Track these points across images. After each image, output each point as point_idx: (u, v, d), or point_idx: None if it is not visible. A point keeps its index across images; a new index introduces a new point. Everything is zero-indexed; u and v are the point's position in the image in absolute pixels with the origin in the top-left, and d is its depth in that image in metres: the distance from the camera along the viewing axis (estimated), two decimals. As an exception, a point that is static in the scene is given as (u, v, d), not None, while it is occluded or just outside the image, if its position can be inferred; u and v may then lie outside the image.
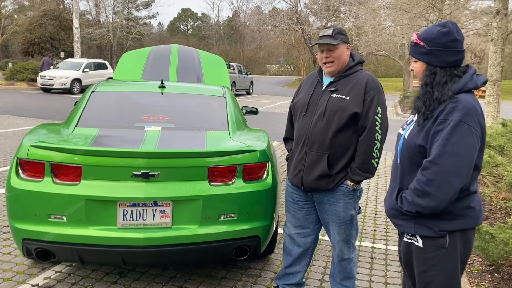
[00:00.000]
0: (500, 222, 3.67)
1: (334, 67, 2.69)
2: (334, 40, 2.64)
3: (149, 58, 6.78)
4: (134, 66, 6.61)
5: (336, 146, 2.64)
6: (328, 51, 2.67)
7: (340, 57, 2.67)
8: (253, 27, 48.79)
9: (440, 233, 1.97)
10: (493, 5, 8.32)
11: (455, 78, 1.98)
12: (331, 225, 2.78)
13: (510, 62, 39.94)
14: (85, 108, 3.52)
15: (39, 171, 2.80)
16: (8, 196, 2.85)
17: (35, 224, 2.77)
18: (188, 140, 3.15)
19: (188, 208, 2.83)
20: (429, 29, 2.05)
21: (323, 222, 2.84)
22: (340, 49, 2.67)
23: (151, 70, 6.48)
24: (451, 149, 1.85)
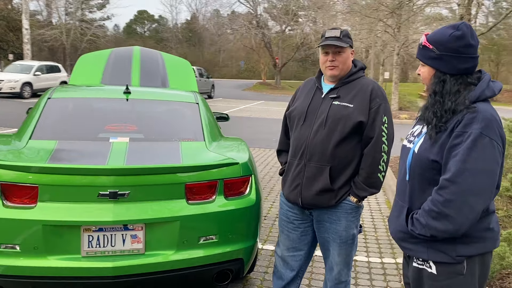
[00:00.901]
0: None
1: (337, 71, 2.43)
2: (342, 42, 2.39)
3: (109, 61, 6.35)
4: (93, 70, 6.15)
5: (338, 157, 2.39)
6: (334, 54, 2.41)
7: (345, 62, 2.42)
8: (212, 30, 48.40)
9: (457, 259, 1.76)
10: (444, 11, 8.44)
11: (470, 86, 1.78)
12: (331, 245, 2.52)
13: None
14: (40, 117, 3.11)
15: (-14, 193, 2.39)
16: None
17: (-20, 256, 2.36)
18: (160, 153, 2.82)
19: (163, 231, 2.51)
20: (441, 31, 1.83)
21: (321, 241, 2.57)
22: (346, 52, 2.42)
23: (112, 74, 6.05)
24: (471, 165, 1.64)
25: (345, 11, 21.02)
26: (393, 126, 2.46)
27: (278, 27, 41.55)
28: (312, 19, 37.50)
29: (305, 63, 55.63)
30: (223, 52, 58.09)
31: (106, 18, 54.18)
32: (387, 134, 2.39)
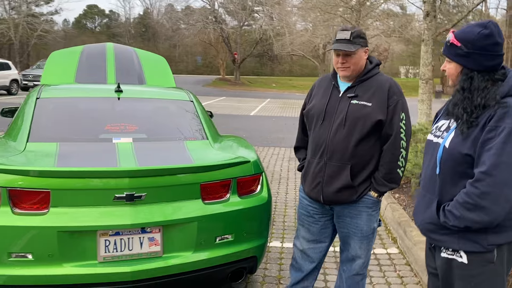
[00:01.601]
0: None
1: (349, 72, 2.46)
2: (352, 46, 2.38)
3: (82, 58, 6.12)
4: (65, 68, 5.90)
5: (358, 155, 2.43)
6: (345, 56, 2.41)
7: (357, 63, 2.44)
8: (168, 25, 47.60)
9: (489, 248, 1.84)
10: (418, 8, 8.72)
11: (497, 82, 1.86)
12: (352, 239, 2.57)
13: (413, 61, 43.31)
14: (33, 118, 2.95)
15: (-7, 200, 2.25)
16: None
17: (-11, 267, 2.22)
18: (168, 153, 2.76)
19: (180, 233, 2.46)
20: (468, 29, 1.90)
21: (342, 236, 2.62)
22: (358, 54, 2.42)
23: (86, 72, 5.84)
24: (506, 159, 1.72)
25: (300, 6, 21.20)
26: (411, 122, 2.52)
27: (235, 22, 41.49)
28: (269, 14, 37.65)
29: (263, 58, 55.86)
30: (179, 47, 57.36)
31: (54, 12, 51.97)
32: (405, 130, 2.45)
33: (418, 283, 3.52)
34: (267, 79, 46.84)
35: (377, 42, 22.83)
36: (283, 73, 56.18)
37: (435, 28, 7.89)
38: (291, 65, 56.10)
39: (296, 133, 2.87)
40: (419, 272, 3.62)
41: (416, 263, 3.74)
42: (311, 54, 39.22)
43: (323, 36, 23.68)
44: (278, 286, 3.37)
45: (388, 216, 4.88)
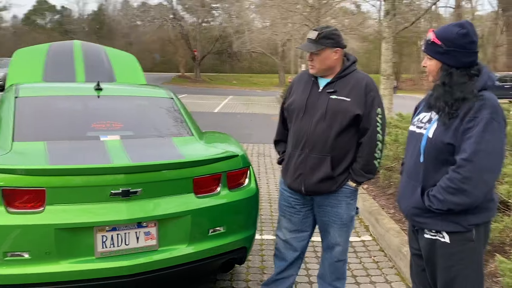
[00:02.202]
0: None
1: (315, 70, 2.61)
2: (314, 46, 2.54)
3: (48, 56, 5.98)
4: (32, 66, 5.76)
5: (338, 148, 2.57)
6: (312, 55, 2.58)
7: (323, 62, 2.58)
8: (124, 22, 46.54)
9: (468, 228, 2.03)
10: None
11: (473, 77, 2.05)
12: (332, 227, 2.71)
13: (369, 58, 44.48)
14: (15, 117, 2.91)
15: (-14, 200, 2.24)
16: None
17: (-15, 267, 2.21)
18: (159, 149, 2.81)
19: (175, 226, 2.53)
20: (447, 28, 2.07)
21: (322, 224, 2.76)
22: (323, 54, 2.56)
23: (54, 70, 5.72)
24: (485, 146, 1.91)
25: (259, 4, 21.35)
26: (385, 116, 2.70)
27: (194, 19, 41.18)
28: (228, 11, 37.65)
29: (222, 55, 55.74)
30: (136, 44, 56.22)
31: (3, 8, 49.68)
32: (381, 124, 2.62)
33: (393, 267, 3.73)
34: (227, 76, 46.84)
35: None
36: (243, 70, 56.28)
37: (395, 26, 8.24)
38: (251, 62, 56.25)
39: (262, 129, 2.99)
40: (393, 256, 3.85)
41: (389, 248, 3.97)
42: (270, 51, 39.58)
43: (283, 33, 23.96)
44: (262, 276, 3.49)
45: (359, 206, 5.08)
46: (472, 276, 2.07)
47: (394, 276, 3.56)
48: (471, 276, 2.07)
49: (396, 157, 5.21)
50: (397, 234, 3.99)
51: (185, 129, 3.21)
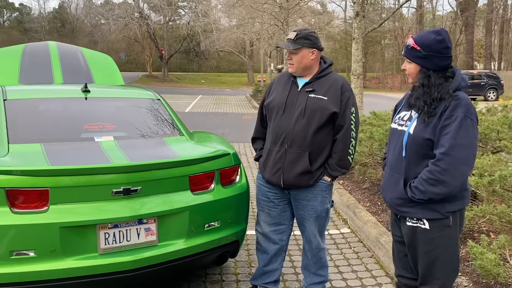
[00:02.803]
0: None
1: (294, 68, 2.80)
2: (291, 45, 2.73)
3: (24, 57, 5.94)
4: (7, 67, 5.71)
5: (316, 143, 2.74)
6: (290, 54, 2.77)
7: (300, 61, 2.76)
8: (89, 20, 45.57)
9: (446, 215, 2.25)
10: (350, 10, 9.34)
11: (448, 79, 2.27)
12: (307, 220, 2.88)
13: (335, 56, 45.26)
14: (7, 121, 2.95)
15: (-10, 201, 2.29)
16: None
17: (-9, 266, 2.27)
18: (154, 149, 2.92)
19: (174, 222, 2.65)
20: (425, 35, 2.29)
21: (298, 217, 2.92)
22: (300, 53, 2.74)
23: (30, 72, 5.68)
24: (460, 141, 2.13)
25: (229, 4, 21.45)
26: (359, 115, 2.90)
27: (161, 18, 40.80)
28: (195, 10, 37.51)
29: (189, 54, 55.44)
30: (101, 43, 55.11)
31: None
32: (355, 122, 2.82)
33: (372, 256, 3.97)
34: (195, 75, 46.63)
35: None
36: (210, 69, 56.17)
37: (364, 27, 8.55)
38: (218, 61, 56.25)
39: (235, 128, 3.16)
40: (371, 247, 4.08)
41: (368, 239, 4.21)
42: (238, 50, 39.73)
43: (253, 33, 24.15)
44: (250, 269, 3.65)
45: (336, 200, 5.33)
46: (449, 258, 2.30)
47: (374, 265, 3.80)
48: (449, 258, 2.30)
49: (371, 153, 5.48)
50: (375, 226, 4.23)
51: (175, 129, 3.33)
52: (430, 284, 2.35)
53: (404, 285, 2.57)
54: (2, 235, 2.27)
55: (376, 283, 3.46)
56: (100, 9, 41.63)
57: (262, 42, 25.16)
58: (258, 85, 23.86)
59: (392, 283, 3.46)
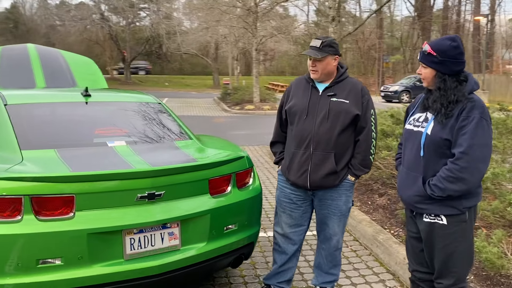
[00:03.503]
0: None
1: (318, 75, 2.88)
2: (319, 53, 2.81)
3: (2, 61, 5.74)
4: None
5: (340, 145, 2.84)
6: (315, 61, 2.84)
7: (325, 68, 2.85)
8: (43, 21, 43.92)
9: (463, 210, 2.39)
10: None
11: (462, 83, 2.42)
12: (331, 219, 2.97)
13: (298, 59, 45.89)
14: (13, 126, 2.86)
15: (15, 209, 2.23)
16: None
17: (17, 276, 2.20)
18: (169, 153, 2.91)
19: (195, 226, 2.66)
20: (441, 41, 2.42)
21: (321, 217, 3.01)
22: (325, 61, 2.84)
23: (11, 76, 5.50)
24: (477, 141, 2.27)
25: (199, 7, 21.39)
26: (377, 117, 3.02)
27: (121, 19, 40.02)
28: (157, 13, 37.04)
29: (151, 57, 54.63)
30: (58, 45, 53.35)
31: None
32: (375, 123, 2.95)
33: (370, 254, 4.10)
34: (158, 78, 45.95)
35: (265, 42, 23.91)
36: (173, 71, 55.49)
37: (340, 32, 8.77)
38: (181, 64, 55.66)
39: (207, 131, 3.21)
40: (368, 245, 4.22)
41: (363, 237, 4.34)
42: (202, 52, 39.55)
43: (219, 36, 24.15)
44: (255, 271, 3.69)
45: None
46: (465, 252, 2.44)
47: (374, 262, 3.93)
48: (465, 252, 2.44)
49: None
50: (370, 224, 4.37)
51: (183, 133, 3.33)
52: (447, 277, 2.48)
53: (418, 279, 2.70)
54: (28, 244, 2.21)
55: (379, 280, 3.59)
56: (55, 10, 40.37)
57: (230, 45, 25.20)
58: (227, 88, 23.84)
59: (394, 279, 3.60)
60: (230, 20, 19.40)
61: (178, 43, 33.94)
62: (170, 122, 3.47)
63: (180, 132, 3.33)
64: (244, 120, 15.98)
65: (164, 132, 3.29)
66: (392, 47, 43.36)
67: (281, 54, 47.77)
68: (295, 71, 56.72)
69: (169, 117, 3.55)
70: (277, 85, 36.37)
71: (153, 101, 3.74)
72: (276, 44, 28.30)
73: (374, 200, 4.96)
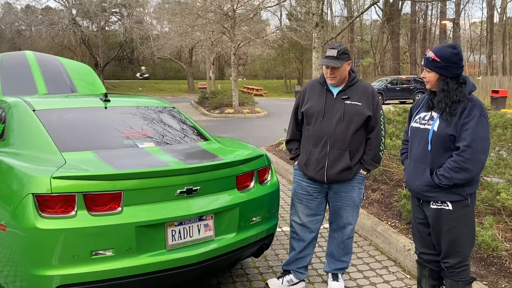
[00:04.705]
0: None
1: (335, 80, 3.17)
2: (338, 62, 3.10)
3: (2, 68, 5.83)
4: None
5: (354, 143, 3.15)
6: (333, 69, 3.13)
7: (342, 74, 3.16)
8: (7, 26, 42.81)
9: (466, 196, 2.73)
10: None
11: (462, 85, 2.76)
12: (345, 210, 3.28)
13: (271, 63, 46.34)
14: (47, 130, 3.03)
15: (69, 205, 2.42)
16: (27, 240, 2.36)
17: (74, 266, 2.40)
18: (196, 153, 3.15)
19: (227, 218, 2.90)
20: (443, 49, 2.76)
21: (335, 208, 3.30)
22: (342, 68, 3.14)
23: (12, 83, 5.61)
24: (479, 135, 2.62)
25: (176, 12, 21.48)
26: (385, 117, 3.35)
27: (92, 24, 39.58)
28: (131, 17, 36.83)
29: (122, 62, 54.12)
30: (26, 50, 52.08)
31: None
32: (383, 123, 3.27)
33: (370, 244, 4.43)
34: (131, 83, 45.58)
35: (241, 47, 24.23)
36: (145, 76, 55.09)
37: (323, 37, 9.15)
38: (154, 68, 55.36)
39: None
40: (368, 236, 4.55)
41: (362, 229, 4.66)
42: (175, 57, 39.53)
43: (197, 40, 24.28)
44: (267, 262, 3.95)
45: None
46: (469, 233, 2.78)
47: (375, 251, 4.26)
48: (468, 233, 2.78)
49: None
50: (367, 217, 4.70)
51: (201, 135, 3.57)
52: (453, 257, 2.81)
53: (425, 260, 3.02)
54: (83, 237, 2.41)
55: (382, 266, 3.91)
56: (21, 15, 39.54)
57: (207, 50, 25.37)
58: (204, 92, 24.01)
59: (396, 265, 3.93)
60: (207, 25, 19.61)
61: (152, 48, 33.88)
62: (187, 124, 3.70)
63: (198, 134, 3.57)
64: (225, 124, 16.22)
65: (185, 134, 3.52)
66: (362, 50, 44.55)
67: (254, 58, 48.22)
68: (268, 75, 57.26)
69: (185, 120, 3.78)
70: (252, 89, 36.76)
71: (168, 105, 3.96)
72: (250, 48, 28.70)
73: (368, 195, 5.30)
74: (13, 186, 2.52)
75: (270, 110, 20.60)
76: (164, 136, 3.38)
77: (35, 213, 2.38)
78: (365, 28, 46.28)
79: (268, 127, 14.74)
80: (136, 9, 36.90)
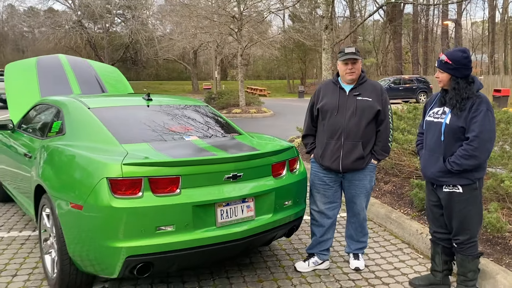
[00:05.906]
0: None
1: (355, 75, 3.60)
2: (358, 56, 3.56)
3: (39, 71, 6.28)
4: (26, 81, 6.05)
5: (366, 135, 3.56)
6: (352, 64, 3.56)
7: (359, 69, 3.60)
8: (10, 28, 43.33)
9: (475, 180, 3.15)
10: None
11: (471, 83, 3.18)
12: (358, 197, 3.69)
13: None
14: (105, 126, 3.46)
15: (137, 188, 2.84)
16: (103, 217, 2.78)
17: (141, 239, 2.81)
18: (236, 144, 3.56)
19: (265, 201, 3.32)
20: (455, 52, 3.17)
21: (350, 195, 3.72)
22: (358, 64, 3.59)
23: (50, 85, 6.06)
24: (485, 127, 3.03)
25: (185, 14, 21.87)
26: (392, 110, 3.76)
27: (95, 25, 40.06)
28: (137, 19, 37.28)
29: (126, 63, 54.57)
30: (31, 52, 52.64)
31: None
32: (391, 116, 3.69)
33: (385, 230, 4.84)
34: (136, 84, 45.88)
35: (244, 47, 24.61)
36: (149, 77, 55.56)
37: (333, 39, 9.57)
38: (157, 69, 55.79)
39: None
40: (382, 223, 4.96)
41: (377, 217, 5.08)
42: (179, 58, 39.97)
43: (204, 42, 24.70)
44: (292, 245, 4.37)
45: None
46: (477, 213, 3.20)
47: (389, 236, 4.67)
48: (477, 213, 3.19)
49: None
50: (381, 206, 5.12)
51: (235, 129, 3.99)
52: (463, 234, 3.22)
53: (438, 238, 3.44)
54: (149, 214, 2.83)
55: (397, 248, 4.33)
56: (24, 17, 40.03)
57: (213, 51, 25.81)
58: (211, 93, 24.45)
59: (409, 247, 4.34)
60: (214, 27, 20.03)
61: (156, 49, 34.33)
62: (221, 120, 4.13)
63: (233, 128, 3.99)
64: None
65: (222, 129, 3.94)
66: (364, 50, 44.93)
67: (256, 58, 48.59)
68: (270, 75, 57.67)
69: (219, 117, 4.20)
70: (256, 89, 37.19)
71: (203, 104, 4.39)
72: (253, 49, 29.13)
73: (381, 187, 5.71)
74: (87, 172, 2.94)
75: (276, 110, 21.02)
76: (205, 130, 3.80)
77: (110, 194, 2.80)
78: (367, 28, 46.68)
79: (276, 126, 15.15)
80: (141, 11, 37.35)
